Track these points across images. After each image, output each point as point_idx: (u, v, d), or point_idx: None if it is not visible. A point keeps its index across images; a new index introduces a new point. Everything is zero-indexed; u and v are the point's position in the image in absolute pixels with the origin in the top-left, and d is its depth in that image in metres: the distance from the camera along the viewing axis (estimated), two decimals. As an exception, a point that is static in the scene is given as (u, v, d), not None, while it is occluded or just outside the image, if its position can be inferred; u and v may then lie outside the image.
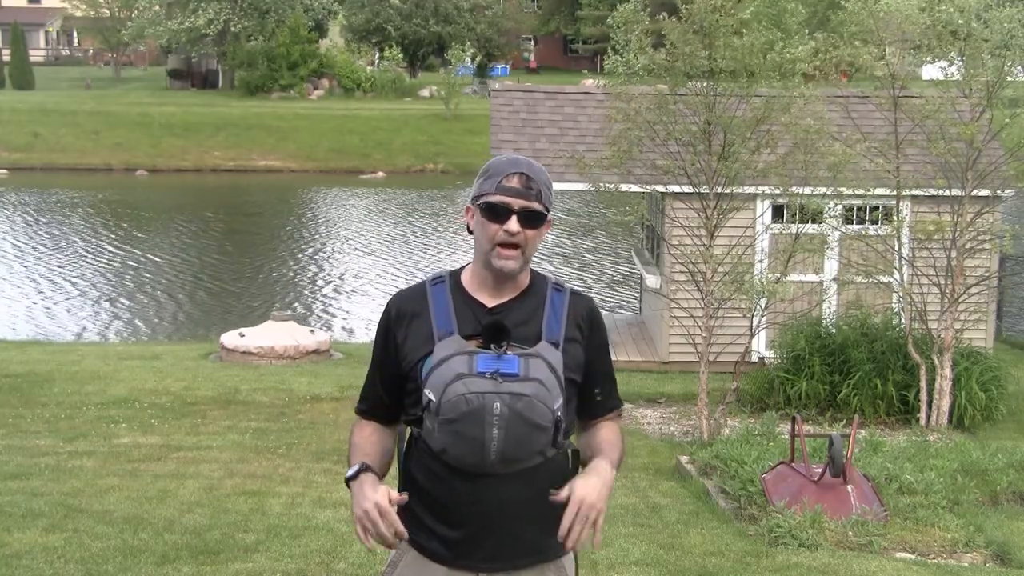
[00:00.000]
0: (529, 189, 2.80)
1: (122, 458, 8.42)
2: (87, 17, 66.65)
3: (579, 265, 23.76)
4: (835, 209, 10.42)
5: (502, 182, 2.81)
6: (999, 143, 10.83)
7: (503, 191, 2.80)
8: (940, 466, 7.96)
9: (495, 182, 2.82)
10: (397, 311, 2.91)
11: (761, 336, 11.82)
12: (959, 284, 10.57)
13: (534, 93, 13.95)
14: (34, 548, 6.02)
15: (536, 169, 2.85)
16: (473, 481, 2.78)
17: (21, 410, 10.13)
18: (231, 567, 5.87)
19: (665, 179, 10.36)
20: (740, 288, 9.68)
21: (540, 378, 2.72)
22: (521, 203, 2.79)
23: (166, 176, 41.27)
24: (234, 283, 21.87)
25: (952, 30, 10.25)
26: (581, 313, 2.91)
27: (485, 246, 2.83)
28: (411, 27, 64.48)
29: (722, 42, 9.35)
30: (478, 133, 41.24)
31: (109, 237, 27.29)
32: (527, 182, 2.81)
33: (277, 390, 11.24)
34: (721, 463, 8.08)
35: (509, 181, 2.80)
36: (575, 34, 72.21)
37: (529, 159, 2.88)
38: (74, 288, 20.97)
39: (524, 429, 2.71)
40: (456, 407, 2.69)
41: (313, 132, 45.21)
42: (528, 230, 2.80)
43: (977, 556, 6.78)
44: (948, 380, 10.38)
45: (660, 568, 6.16)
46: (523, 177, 2.81)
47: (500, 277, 2.85)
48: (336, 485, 7.75)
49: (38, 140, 43.58)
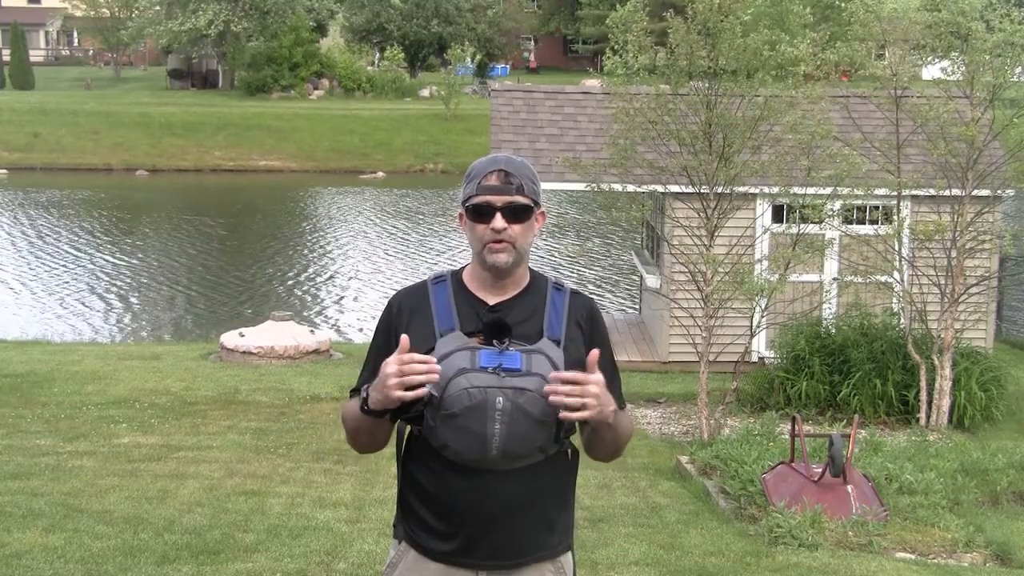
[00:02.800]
0: (509, 184, 2.82)
1: (122, 458, 8.42)
2: (87, 17, 66.63)
3: (578, 266, 23.74)
4: (835, 209, 10.42)
5: (482, 182, 2.83)
6: (999, 143, 10.83)
7: (484, 191, 2.82)
8: (940, 466, 7.95)
9: (476, 183, 2.84)
10: (399, 307, 2.92)
11: (761, 336, 11.82)
12: (959, 284, 10.57)
13: (534, 93, 13.94)
14: (34, 548, 6.02)
15: (516, 164, 2.85)
16: (473, 479, 2.78)
17: (21, 410, 10.13)
18: (231, 567, 5.87)
19: (665, 179, 10.36)
20: (740, 288, 9.68)
21: (542, 373, 2.73)
22: (503, 199, 2.81)
23: (166, 176, 41.28)
24: (234, 283, 21.87)
25: (953, 30, 10.26)
26: (581, 312, 2.92)
27: (477, 247, 2.85)
28: (412, 27, 64.50)
29: (726, 44, 9.36)
30: (478, 133, 41.27)
31: (109, 237, 27.29)
32: (506, 178, 2.82)
33: (277, 390, 11.24)
34: (721, 463, 8.08)
35: (488, 180, 2.83)
36: (575, 34, 72.24)
37: (509, 155, 2.90)
38: (74, 288, 20.97)
39: (526, 424, 2.72)
40: (459, 401, 2.70)
41: (313, 132, 45.24)
42: (515, 225, 2.82)
43: (977, 556, 6.78)
44: (948, 380, 10.38)
45: (660, 568, 6.16)
46: (501, 174, 2.82)
47: (497, 274, 2.85)
48: (336, 485, 7.76)
49: (38, 140, 43.60)
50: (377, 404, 2.71)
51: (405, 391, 2.63)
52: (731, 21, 9.34)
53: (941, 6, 10.27)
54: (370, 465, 8.11)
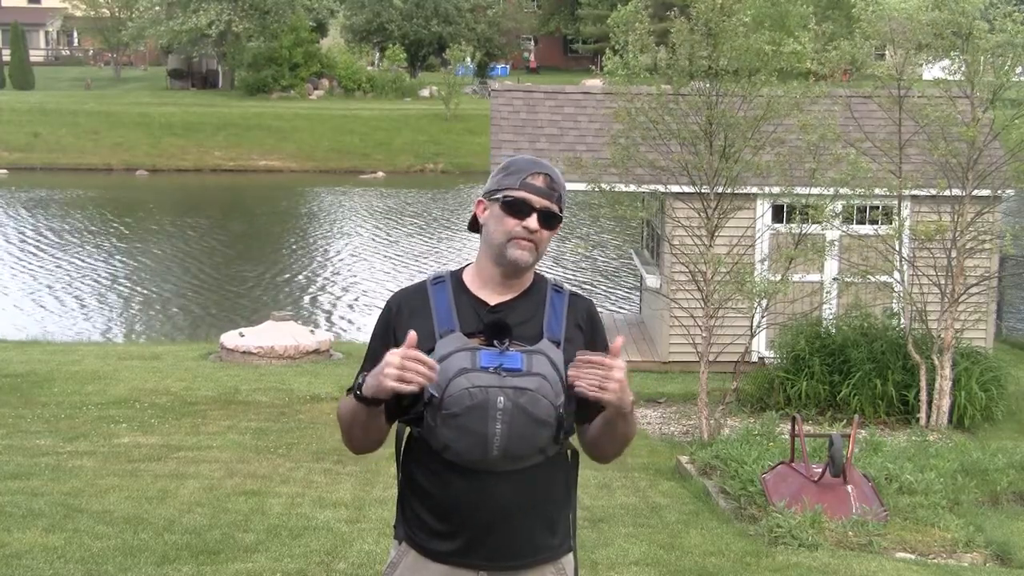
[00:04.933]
0: (552, 191, 2.87)
1: (122, 458, 8.42)
2: (87, 17, 66.65)
3: (578, 265, 23.74)
4: (837, 210, 10.42)
5: (527, 179, 2.86)
6: (1000, 143, 10.83)
7: (527, 188, 2.85)
8: (940, 466, 7.96)
9: (519, 178, 2.86)
10: (398, 307, 2.92)
11: (761, 336, 11.82)
12: (959, 284, 10.56)
13: (534, 93, 13.95)
14: (34, 548, 6.02)
15: (557, 174, 2.92)
16: (474, 480, 2.78)
17: (21, 410, 10.13)
18: (231, 567, 5.87)
19: (666, 179, 10.36)
20: (741, 288, 9.68)
21: (543, 373, 2.73)
22: (543, 203, 2.85)
23: (166, 176, 41.27)
24: (234, 283, 21.87)
25: (954, 30, 10.25)
26: (581, 314, 2.93)
27: (499, 239, 2.85)
28: (412, 27, 64.50)
29: (728, 44, 9.35)
30: (478, 133, 41.27)
31: (109, 237, 27.29)
32: (551, 183, 2.88)
33: (277, 390, 11.24)
34: (721, 463, 8.08)
35: (535, 180, 2.86)
36: (575, 34, 72.27)
37: (548, 163, 2.94)
38: (74, 288, 20.97)
39: (527, 424, 2.72)
40: (460, 401, 2.70)
41: (313, 132, 45.23)
42: (545, 230, 2.85)
43: (977, 556, 6.78)
44: (948, 380, 10.38)
45: (660, 568, 6.16)
46: (547, 178, 2.87)
47: (511, 271, 2.86)
48: (336, 485, 7.76)
49: (38, 140, 43.59)
50: (370, 390, 2.70)
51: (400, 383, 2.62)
52: (733, 22, 9.34)
53: (942, 6, 10.27)
54: (370, 465, 8.11)
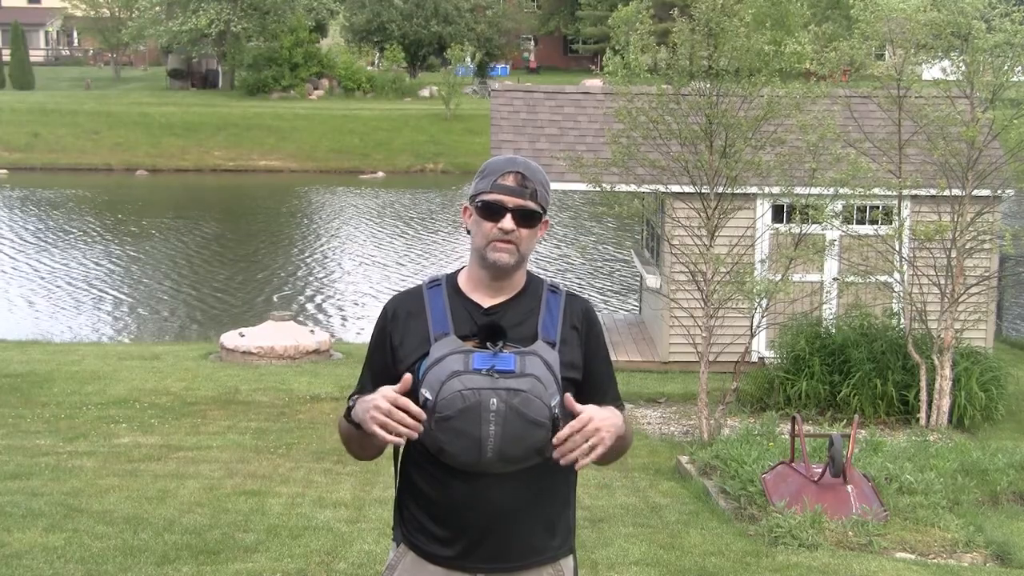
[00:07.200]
0: (524, 188, 2.83)
1: (122, 458, 8.42)
2: (87, 17, 66.62)
3: (578, 266, 23.74)
4: (837, 210, 10.41)
5: (498, 180, 2.83)
6: (999, 143, 10.83)
7: (498, 189, 2.83)
8: (940, 466, 7.96)
9: (491, 181, 2.84)
10: (394, 312, 2.92)
11: (761, 336, 11.82)
12: (959, 284, 10.56)
13: (534, 93, 13.95)
14: (34, 548, 6.02)
15: (532, 168, 2.87)
16: (471, 482, 2.77)
17: (21, 410, 10.14)
18: (231, 567, 5.87)
19: (666, 179, 10.36)
20: (741, 288, 9.68)
21: (536, 374, 2.71)
22: (516, 201, 2.82)
23: (166, 176, 41.26)
24: (234, 283, 21.87)
25: (952, 31, 10.25)
26: (577, 314, 2.91)
27: (481, 243, 2.85)
28: (412, 27, 64.48)
29: (728, 44, 9.35)
30: (478, 133, 41.26)
31: (109, 237, 27.28)
32: (522, 180, 2.83)
33: (277, 390, 11.24)
34: (721, 463, 8.08)
35: (505, 180, 2.83)
36: (575, 34, 72.24)
37: (526, 159, 2.91)
38: (74, 288, 20.97)
39: (521, 425, 2.70)
40: (452, 404, 2.68)
41: (313, 132, 45.21)
42: (523, 228, 2.83)
43: (977, 556, 6.78)
44: (948, 380, 10.38)
45: (660, 568, 6.16)
46: (518, 176, 2.83)
47: (496, 273, 2.85)
48: (336, 485, 7.76)
49: (38, 140, 43.58)
50: (357, 419, 2.76)
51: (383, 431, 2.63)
52: (734, 22, 9.34)
53: (941, 6, 10.27)
54: (370, 465, 8.10)
